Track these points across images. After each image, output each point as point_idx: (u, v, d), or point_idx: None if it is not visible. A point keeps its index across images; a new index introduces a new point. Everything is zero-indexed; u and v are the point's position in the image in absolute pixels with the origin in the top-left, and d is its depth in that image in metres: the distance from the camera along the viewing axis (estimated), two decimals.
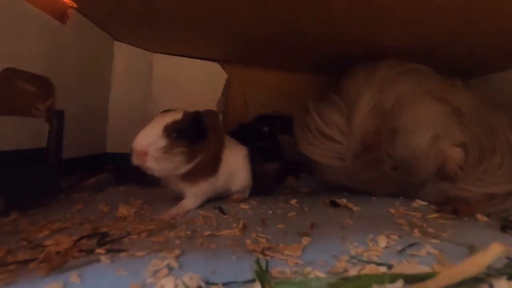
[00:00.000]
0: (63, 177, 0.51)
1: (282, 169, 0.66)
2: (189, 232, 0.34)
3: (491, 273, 0.20)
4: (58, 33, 0.47)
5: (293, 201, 0.49)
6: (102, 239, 0.31)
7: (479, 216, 0.42)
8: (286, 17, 0.47)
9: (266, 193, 0.57)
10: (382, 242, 0.30)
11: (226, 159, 0.46)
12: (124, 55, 0.67)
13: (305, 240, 0.32)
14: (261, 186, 0.60)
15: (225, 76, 0.77)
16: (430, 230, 0.35)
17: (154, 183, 0.63)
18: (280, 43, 0.60)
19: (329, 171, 0.52)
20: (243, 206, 0.46)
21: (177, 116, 0.42)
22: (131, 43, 0.68)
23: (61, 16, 0.48)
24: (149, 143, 0.39)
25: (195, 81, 0.75)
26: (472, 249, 0.27)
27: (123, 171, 0.65)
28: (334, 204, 0.47)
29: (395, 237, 0.32)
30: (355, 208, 0.45)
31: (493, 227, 0.37)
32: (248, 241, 0.31)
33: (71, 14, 0.49)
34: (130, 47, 0.68)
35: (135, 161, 0.40)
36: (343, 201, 0.48)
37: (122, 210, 0.42)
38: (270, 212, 0.43)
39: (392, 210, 0.44)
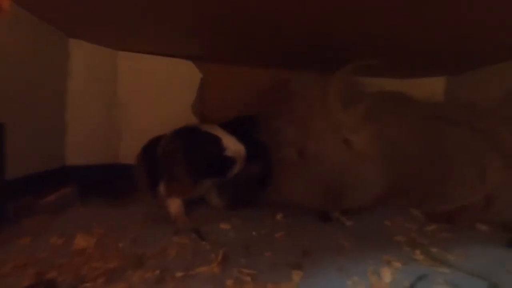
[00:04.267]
0: (9, 201, 0.43)
1: (266, 169, 0.61)
2: (158, 272, 0.28)
3: None
4: None
5: (279, 216, 0.44)
6: None
7: (478, 225, 0.40)
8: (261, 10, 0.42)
9: (251, 198, 0.53)
10: (386, 276, 0.26)
11: None
12: (82, 54, 0.59)
13: (296, 276, 0.27)
14: (246, 191, 0.55)
15: (199, 75, 0.70)
16: (434, 249, 0.32)
17: (125, 196, 0.57)
18: (257, 38, 0.54)
19: None
20: (224, 226, 0.41)
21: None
22: (90, 41, 0.59)
23: None
24: None
25: (167, 82, 0.68)
26: (494, 285, 0.23)
27: (89, 185, 0.58)
28: (325, 218, 0.43)
29: (399, 265, 0.28)
30: (348, 223, 0.41)
31: (497, 240, 0.34)
32: (229, 282, 0.26)
33: (5, 7, 0.40)
34: (89, 44, 0.60)
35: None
36: (336, 214, 0.44)
37: (80, 241, 0.35)
38: (255, 233, 0.38)
39: (388, 223, 0.41)
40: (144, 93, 0.67)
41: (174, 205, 0.47)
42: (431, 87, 0.74)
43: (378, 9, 0.39)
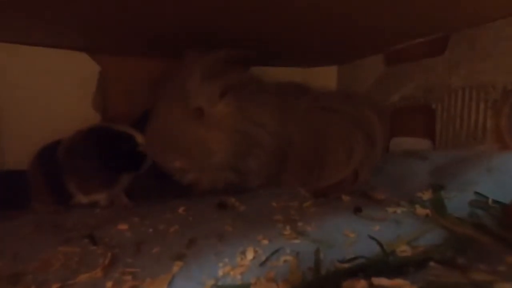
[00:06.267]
0: None
1: None
2: None
3: None
4: None
5: (182, 209, 0.47)
6: None
7: (343, 196, 0.49)
8: None
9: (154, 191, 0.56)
10: (250, 254, 0.31)
11: None
12: None
13: (176, 266, 0.30)
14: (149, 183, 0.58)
15: (97, 68, 0.66)
16: (300, 224, 0.38)
17: (14, 207, 0.52)
18: (155, 27, 0.53)
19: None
20: (122, 226, 0.41)
21: None
22: None
23: None
24: None
25: (58, 77, 0.62)
26: (320, 246, 0.30)
27: None
28: (222, 206, 0.47)
29: (265, 243, 0.33)
30: (241, 208, 0.46)
31: (350, 209, 0.43)
32: (109, 284, 0.28)
33: None
34: None
35: None
36: (232, 200, 0.49)
37: None
38: (151, 230, 0.40)
39: (274, 204, 0.47)
40: (29, 90, 0.60)
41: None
42: (324, 75, 0.84)
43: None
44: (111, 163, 0.49)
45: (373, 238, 0.30)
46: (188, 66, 0.51)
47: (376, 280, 0.21)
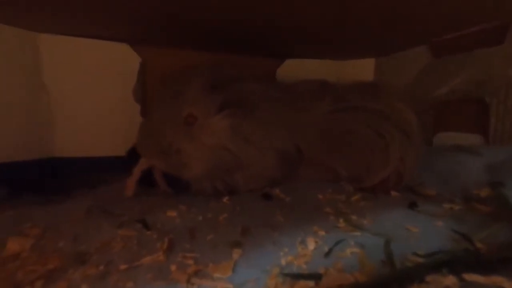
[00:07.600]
0: None
1: None
2: (102, 267, 0.29)
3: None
4: None
5: (226, 199, 0.47)
6: None
7: (392, 192, 0.47)
8: None
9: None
10: (311, 244, 0.30)
11: None
12: None
13: (236, 254, 0.30)
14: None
15: (138, 59, 0.67)
16: (354, 217, 0.37)
17: (64, 193, 0.54)
18: (196, 19, 0.53)
19: None
20: (170, 213, 0.42)
21: None
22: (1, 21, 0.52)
23: None
24: None
25: (101, 67, 0.64)
26: (389, 240, 0.29)
27: (20, 183, 0.54)
28: (266, 197, 0.47)
29: (323, 234, 0.32)
30: (287, 199, 0.46)
31: (403, 204, 0.41)
32: (173, 267, 0.28)
33: None
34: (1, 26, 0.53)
35: None
36: (276, 191, 0.48)
37: (13, 245, 0.34)
38: (200, 218, 0.40)
39: (320, 196, 0.46)
40: (76, 79, 0.62)
41: None
42: (361, 68, 0.81)
43: None
44: None
45: (458, 233, 0.29)
46: (189, 72, 0.51)
47: (469, 276, 0.20)
